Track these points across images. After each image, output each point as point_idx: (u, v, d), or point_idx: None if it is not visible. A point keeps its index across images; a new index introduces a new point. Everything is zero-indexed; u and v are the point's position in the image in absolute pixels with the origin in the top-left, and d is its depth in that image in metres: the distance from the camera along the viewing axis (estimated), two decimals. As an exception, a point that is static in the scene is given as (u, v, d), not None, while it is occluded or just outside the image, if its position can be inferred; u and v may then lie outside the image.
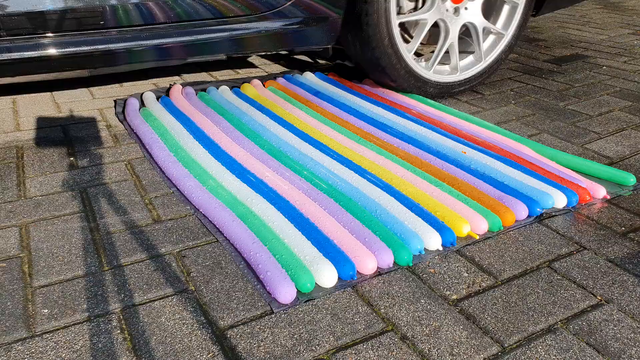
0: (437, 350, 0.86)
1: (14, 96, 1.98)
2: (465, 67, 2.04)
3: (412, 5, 2.02)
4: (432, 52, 2.05)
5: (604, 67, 2.43)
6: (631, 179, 1.38)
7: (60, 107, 1.88)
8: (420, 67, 1.93)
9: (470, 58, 2.08)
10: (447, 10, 1.90)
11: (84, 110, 1.86)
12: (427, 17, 1.87)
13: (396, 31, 1.82)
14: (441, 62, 2.05)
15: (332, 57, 2.45)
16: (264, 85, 2.10)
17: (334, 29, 1.81)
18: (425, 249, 1.11)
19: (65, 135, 1.65)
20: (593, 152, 1.58)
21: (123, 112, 1.82)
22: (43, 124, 1.74)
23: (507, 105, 1.97)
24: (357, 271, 1.04)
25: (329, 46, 1.86)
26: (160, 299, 0.97)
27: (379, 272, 1.04)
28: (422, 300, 0.97)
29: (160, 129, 1.62)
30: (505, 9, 2.05)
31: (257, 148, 1.51)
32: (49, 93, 2.01)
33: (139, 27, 1.56)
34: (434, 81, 1.98)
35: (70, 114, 1.82)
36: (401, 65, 1.88)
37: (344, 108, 1.85)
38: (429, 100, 1.97)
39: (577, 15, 3.62)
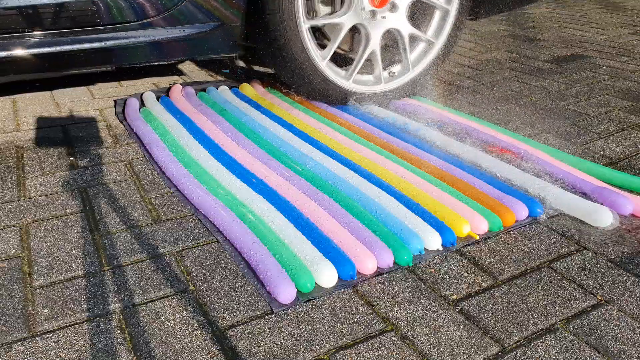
0: (437, 350, 0.86)
1: (14, 96, 1.98)
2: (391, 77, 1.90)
3: (328, 9, 1.87)
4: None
5: (604, 67, 2.43)
6: None
7: (60, 107, 1.88)
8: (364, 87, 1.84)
9: (397, 67, 1.90)
10: (393, 29, 1.77)
11: (84, 110, 1.86)
12: (376, 48, 1.77)
13: (322, 65, 1.73)
14: (364, 72, 1.89)
15: None
16: (263, 86, 2.10)
17: (232, 38, 1.68)
18: (425, 249, 1.11)
19: (65, 135, 1.65)
20: (593, 152, 1.58)
21: (123, 112, 1.82)
22: (43, 124, 1.74)
23: (507, 105, 1.97)
24: (357, 271, 1.03)
25: (234, 55, 1.75)
26: (160, 299, 0.97)
27: (379, 272, 1.04)
28: (422, 300, 0.97)
29: (160, 129, 1.62)
30: (437, 15, 1.87)
31: (257, 148, 1.51)
32: (49, 93, 2.01)
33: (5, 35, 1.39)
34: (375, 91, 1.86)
35: (70, 114, 1.82)
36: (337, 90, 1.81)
37: (344, 108, 1.85)
38: (429, 100, 1.97)
39: (577, 15, 3.62)
